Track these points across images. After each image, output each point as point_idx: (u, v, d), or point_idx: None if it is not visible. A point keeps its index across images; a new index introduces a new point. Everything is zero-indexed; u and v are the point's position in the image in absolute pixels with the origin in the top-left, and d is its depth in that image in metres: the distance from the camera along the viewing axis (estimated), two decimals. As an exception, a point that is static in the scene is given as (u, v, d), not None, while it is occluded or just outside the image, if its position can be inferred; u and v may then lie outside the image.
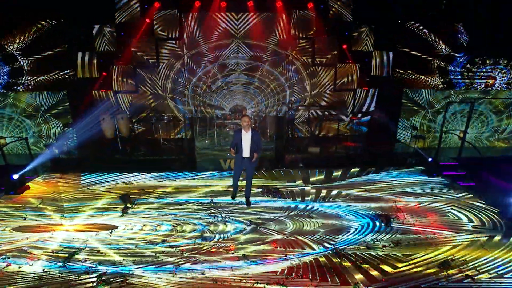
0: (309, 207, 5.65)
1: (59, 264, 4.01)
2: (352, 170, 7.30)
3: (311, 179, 6.88)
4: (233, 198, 5.84)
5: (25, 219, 5.20)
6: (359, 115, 9.35)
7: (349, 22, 8.82)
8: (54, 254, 4.23)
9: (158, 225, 5.02)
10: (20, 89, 8.58)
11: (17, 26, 8.08)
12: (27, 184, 6.54)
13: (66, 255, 4.19)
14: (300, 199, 5.97)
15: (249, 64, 9.07)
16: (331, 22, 8.73)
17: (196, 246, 4.44)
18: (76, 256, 4.17)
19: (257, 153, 5.23)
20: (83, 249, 4.34)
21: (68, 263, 4.02)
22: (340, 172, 7.19)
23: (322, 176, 7.04)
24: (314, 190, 6.31)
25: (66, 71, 8.53)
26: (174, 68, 8.93)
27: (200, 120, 9.13)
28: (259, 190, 6.24)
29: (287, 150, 7.88)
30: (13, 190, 6.22)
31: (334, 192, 6.22)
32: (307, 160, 7.64)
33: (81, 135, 8.04)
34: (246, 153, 5.21)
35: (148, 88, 9.04)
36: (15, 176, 6.28)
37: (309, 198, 6.01)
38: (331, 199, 5.94)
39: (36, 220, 5.16)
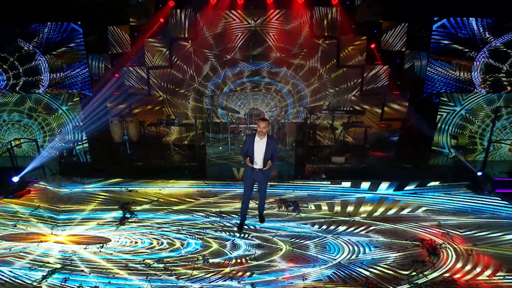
0: (335, 228, 4.78)
1: (35, 284, 3.41)
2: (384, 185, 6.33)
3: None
4: (240, 229, 4.63)
5: (15, 226, 4.73)
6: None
7: (378, 20, 7.99)
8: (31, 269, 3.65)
9: (158, 240, 4.36)
10: (36, 90, 8.48)
11: (34, 25, 8.04)
12: (28, 188, 6.16)
13: (45, 273, 3.59)
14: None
15: (270, 66, 8.43)
16: (358, 19, 7.95)
17: (196, 268, 3.71)
18: (57, 275, 3.57)
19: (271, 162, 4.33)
20: (66, 266, 3.73)
21: (45, 283, 3.42)
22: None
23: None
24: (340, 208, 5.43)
25: (78, 72, 8.36)
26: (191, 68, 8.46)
27: (213, 125, 8.54)
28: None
29: (308, 159, 7.05)
30: (12, 194, 5.84)
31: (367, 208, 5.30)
32: (330, 171, 6.77)
33: (88, 126, 7.69)
34: (257, 164, 4.29)
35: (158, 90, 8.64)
36: (15, 179, 5.91)
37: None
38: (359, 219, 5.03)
39: (26, 228, 4.66)
